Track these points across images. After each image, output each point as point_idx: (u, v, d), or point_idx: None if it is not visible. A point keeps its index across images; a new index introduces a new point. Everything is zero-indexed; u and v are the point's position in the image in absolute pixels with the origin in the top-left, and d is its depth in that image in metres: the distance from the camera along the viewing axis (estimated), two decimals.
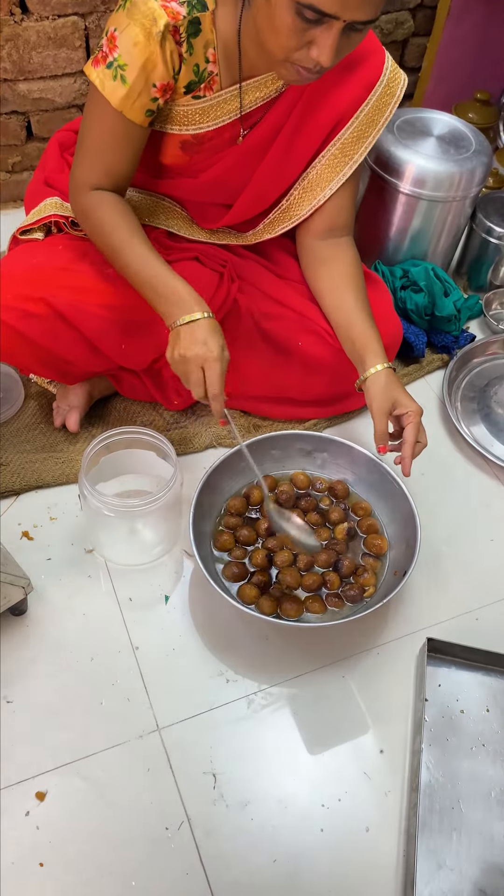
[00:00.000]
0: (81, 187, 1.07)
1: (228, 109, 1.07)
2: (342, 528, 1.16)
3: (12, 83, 1.60)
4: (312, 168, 1.17)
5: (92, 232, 1.08)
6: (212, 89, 1.04)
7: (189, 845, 0.92)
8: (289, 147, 1.12)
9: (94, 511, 1.06)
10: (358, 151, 1.16)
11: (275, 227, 1.24)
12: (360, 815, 0.96)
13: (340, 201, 1.20)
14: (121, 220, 1.06)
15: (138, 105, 1.00)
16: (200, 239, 1.26)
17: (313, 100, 1.09)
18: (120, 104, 1.00)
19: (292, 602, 1.08)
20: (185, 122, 1.07)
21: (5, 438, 1.29)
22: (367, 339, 1.14)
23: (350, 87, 1.10)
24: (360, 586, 1.10)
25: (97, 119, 1.03)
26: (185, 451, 1.30)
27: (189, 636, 1.09)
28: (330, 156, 1.15)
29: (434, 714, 1.04)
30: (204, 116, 1.06)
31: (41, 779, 0.95)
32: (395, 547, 1.15)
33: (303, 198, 1.20)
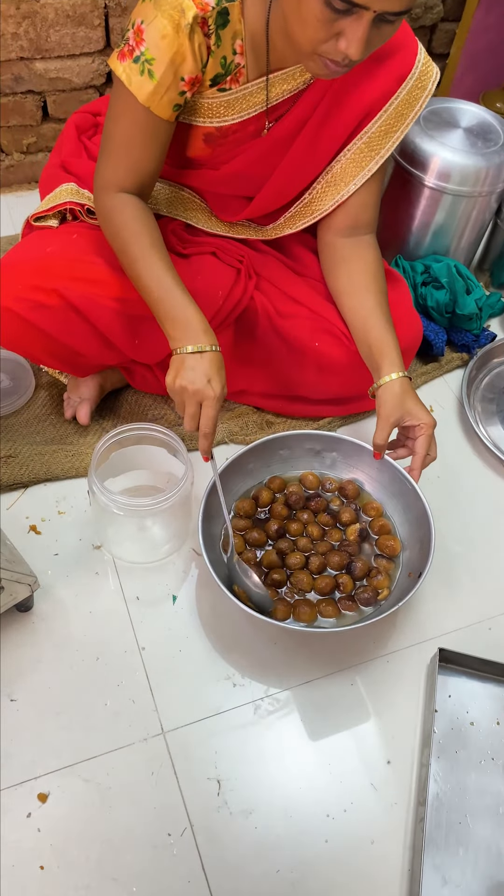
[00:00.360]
0: (106, 187, 1.04)
1: (254, 102, 1.03)
2: (354, 530, 1.14)
3: (29, 61, 1.56)
4: (337, 162, 1.13)
5: (110, 236, 1.05)
6: (238, 82, 1.01)
7: (191, 852, 0.91)
8: (314, 140, 1.09)
9: (102, 508, 1.05)
10: (385, 146, 1.12)
11: (295, 222, 1.21)
12: (366, 827, 0.94)
13: (365, 198, 1.16)
14: (140, 229, 1.02)
15: (166, 100, 0.96)
16: (219, 232, 1.22)
17: (341, 92, 1.05)
18: (147, 100, 0.96)
19: (306, 605, 1.06)
20: (210, 114, 1.03)
21: (14, 429, 1.27)
22: (384, 345, 1.11)
23: (380, 80, 1.06)
24: (373, 588, 1.08)
25: (123, 115, 0.99)
26: (196, 448, 1.28)
27: (196, 638, 1.08)
28: (356, 150, 1.11)
29: (443, 725, 1.02)
30: (229, 109, 1.03)
31: (43, 780, 0.94)
32: (409, 548, 1.13)
33: (326, 192, 1.16)
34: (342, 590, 1.08)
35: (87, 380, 1.27)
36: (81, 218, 1.17)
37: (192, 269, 1.15)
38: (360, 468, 1.21)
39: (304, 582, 1.07)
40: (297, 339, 1.21)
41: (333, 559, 1.10)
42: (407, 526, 1.15)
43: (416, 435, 1.07)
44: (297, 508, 1.16)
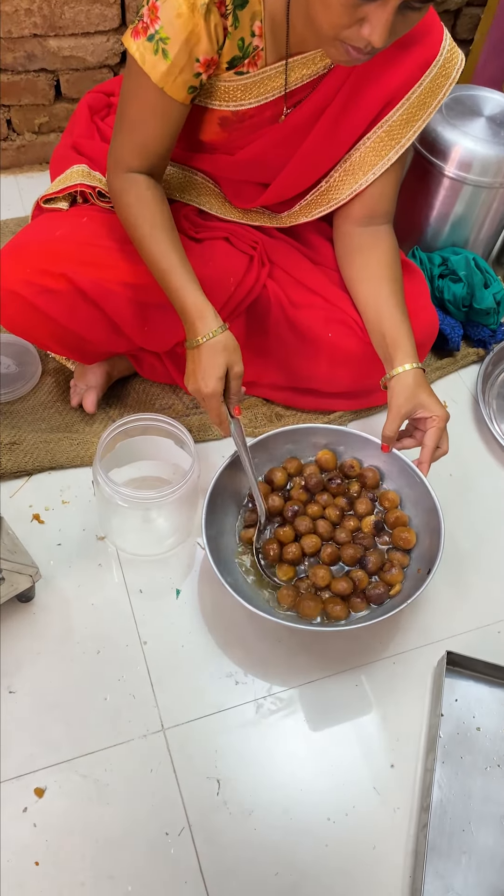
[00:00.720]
0: (117, 167, 1.02)
1: (272, 87, 1.00)
2: (369, 521, 1.11)
3: (42, 39, 1.53)
4: (356, 150, 1.10)
5: (120, 216, 1.04)
6: (256, 65, 0.97)
7: (189, 852, 0.89)
8: (333, 127, 1.05)
9: (107, 499, 1.03)
10: (406, 135, 1.08)
11: (311, 210, 1.18)
12: (368, 832, 0.92)
13: (383, 188, 1.12)
14: (148, 208, 1.00)
15: (180, 81, 0.93)
16: (233, 219, 1.19)
17: (362, 78, 1.01)
18: (161, 80, 0.93)
19: (311, 601, 1.03)
20: (226, 98, 1.00)
21: (19, 415, 1.25)
22: (398, 335, 1.08)
23: (403, 67, 1.02)
24: (385, 584, 1.05)
25: (135, 94, 0.96)
26: (204, 438, 1.26)
27: (199, 633, 1.06)
28: (376, 138, 1.08)
29: (449, 730, 1.00)
30: (246, 93, 0.99)
31: (41, 774, 0.93)
32: (418, 542, 1.10)
33: (343, 181, 1.13)
34: (357, 586, 1.06)
35: (95, 367, 1.24)
36: (92, 201, 1.14)
37: (203, 255, 1.12)
38: (368, 462, 1.18)
39: (321, 578, 1.04)
40: (310, 329, 1.19)
41: (347, 552, 1.07)
42: (416, 521, 1.12)
43: (428, 427, 1.04)
44: (317, 492, 1.13)
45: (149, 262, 1.01)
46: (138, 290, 1.07)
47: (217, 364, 0.97)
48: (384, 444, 1.08)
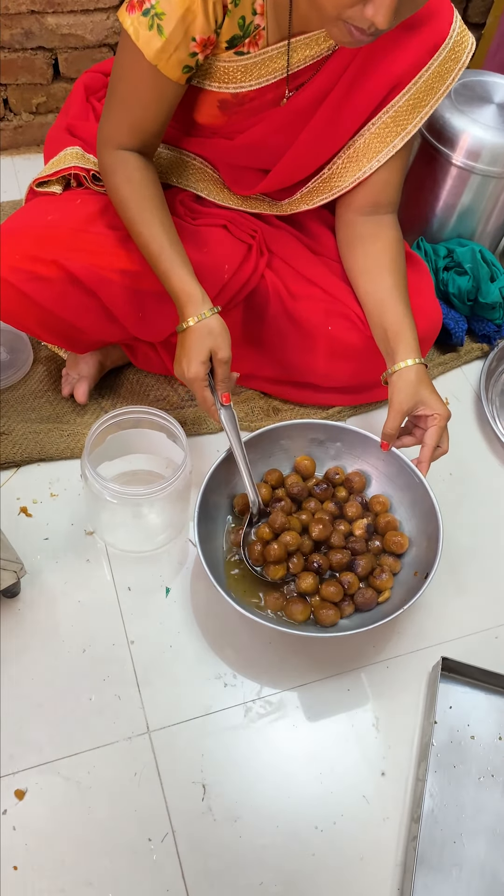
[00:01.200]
0: (107, 143, 0.99)
1: (274, 68, 0.96)
2: (361, 525, 1.08)
3: (40, 15, 1.48)
4: (360, 136, 1.06)
5: (110, 194, 1.01)
6: (257, 45, 0.93)
7: (172, 859, 0.87)
8: (337, 112, 1.01)
9: (95, 494, 1.00)
10: (412, 122, 1.04)
11: (312, 198, 1.14)
12: (356, 842, 0.90)
13: (388, 176, 1.08)
14: (135, 191, 0.98)
15: (175, 59, 0.90)
16: (231, 205, 1.15)
17: (368, 61, 0.97)
18: (155, 57, 0.89)
19: (299, 604, 1.00)
20: (226, 79, 0.96)
21: (9, 405, 1.22)
22: (400, 328, 1.04)
23: (410, 49, 0.98)
24: (373, 591, 1.03)
25: (128, 71, 0.93)
26: (199, 432, 1.23)
27: (188, 633, 1.03)
28: (381, 124, 1.04)
29: (442, 738, 0.97)
30: (246, 75, 0.95)
31: (22, 776, 0.90)
32: (416, 545, 1.07)
33: (346, 168, 1.09)
34: (347, 590, 1.03)
35: (87, 357, 1.21)
36: (86, 184, 1.10)
37: (198, 240, 1.08)
38: (366, 459, 1.15)
39: (308, 585, 1.01)
40: (309, 321, 1.15)
41: (335, 557, 1.04)
42: (414, 521, 1.10)
43: (429, 425, 1.01)
44: (303, 499, 1.10)
45: (139, 244, 0.99)
46: (133, 277, 1.04)
47: (201, 348, 0.96)
48: (384, 441, 1.04)
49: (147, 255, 0.99)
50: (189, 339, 0.96)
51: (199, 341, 0.96)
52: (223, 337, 0.96)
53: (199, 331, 0.96)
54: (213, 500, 1.05)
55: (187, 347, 0.96)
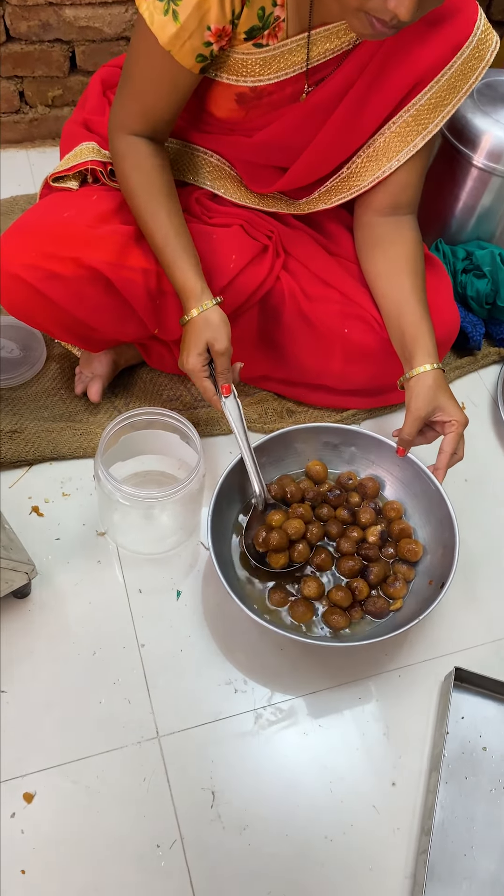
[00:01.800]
0: (118, 128, 0.99)
1: (293, 62, 0.94)
2: (375, 531, 1.06)
3: (58, 7, 1.46)
4: (380, 135, 1.04)
5: (120, 181, 1.01)
6: (276, 37, 0.91)
7: (180, 866, 0.86)
8: (357, 109, 1.00)
9: (107, 495, 0.99)
10: (433, 121, 1.02)
11: (331, 197, 1.12)
12: (365, 852, 0.89)
13: (407, 176, 1.07)
14: (144, 179, 0.98)
15: (188, 47, 0.88)
16: (248, 204, 1.14)
17: (390, 57, 0.95)
18: (169, 43, 0.88)
19: (302, 605, 0.99)
20: (244, 72, 0.94)
21: (22, 402, 1.21)
22: (418, 332, 1.03)
23: (433, 47, 0.96)
24: (385, 599, 1.02)
25: (143, 56, 0.92)
26: (212, 433, 1.22)
27: (199, 637, 1.02)
28: (402, 123, 1.02)
29: (454, 749, 0.96)
30: (265, 68, 0.94)
31: (30, 779, 0.90)
32: (430, 552, 1.06)
33: (366, 167, 1.07)
34: (356, 596, 1.02)
35: (101, 355, 1.20)
36: (103, 180, 1.09)
37: (209, 239, 1.07)
38: (380, 464, 1.13)
39: (312, 589, 1.01)
40: (325, 324, 1.14)
41: (346, 564, 1.03)
42: (429, 529, 1.08)
43: (446, 432, 1.00)
44: (317, 505, 1.09)
45: (146, 233, 0.99)
46: (155, 276, 1.03)
47: (198, 340, 0.96)
48: (400, 447, 1.03)
49: (153, 246, 0.99)
50: (188, 331, 0.97)
51: (196, 333, 0.96)
52: (221, 329, 0.96)
53: (198, 323, 0.96)
54: (226, 504, 1.04)
55: (186, 340, 0.98)
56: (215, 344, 0.96)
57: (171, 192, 0.99)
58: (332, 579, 1.04)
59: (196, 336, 0.97)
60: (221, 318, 0.97)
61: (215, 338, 0.96)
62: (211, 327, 0.96)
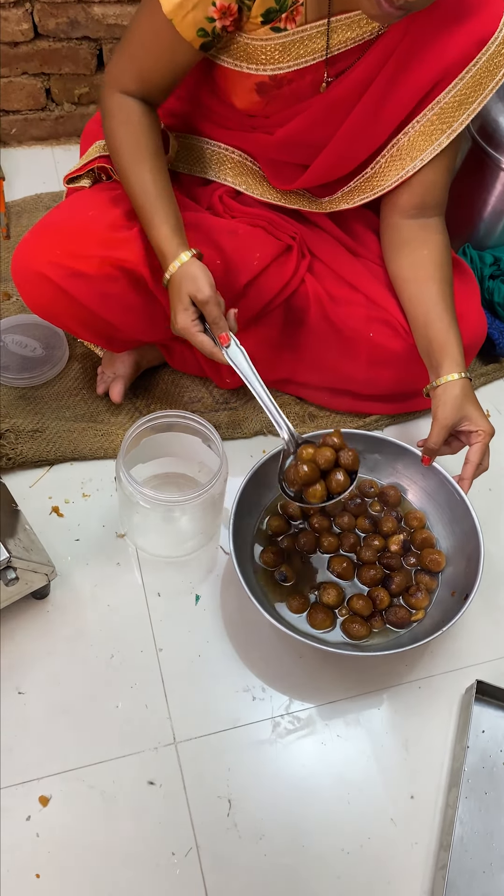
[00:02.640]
0: (111, 85, 0.97)
1: (313, 49, 0.93)
2: (397, 540, 1.05)
3: (86, 5, 1.46)
4: (404, 133, 1.02)
5: (107, 136, 0.99)
6: (294, 21, 0.90)
7: (195, 875, 0.86)
8: (379, 104, 0.98)
9: (128, 497, 0.98)
10: (458, 119, 1.00)
11: (353, 197, 1.11)
12: (383, 866, 0.88)
13: (434, 176, 1.05)
14: (130, 137, 0.96)
15: (190, 19, 0.88)
16: (270, 200, 1.13)
17: (413, 50, 0.94)
18: (172, 11, 0.88)
19: (321, 612, 0.98)
20: (263, 59, 0.93)
21: (44, 402, 1.21)
22: (446, 341, 1.01)
23: (458, 41, 0.94)
24: (406, 609, 1.00)
25: (146, 19, 0.92)
26: (233, 436, 1.21)
27: (217, 642, 1.01)
28: (426, 120, 1.00)
29: (474, 763, 0.95)
30: (284, 54, 0.92)
31: (46, 782, 0.89)
32: (453, 563, 1.05)
33: (389, 166, 1.05)
34: (377, 605, 1.01)
35: (123, 355, 1.19)
36: (115, 177, 1.08)
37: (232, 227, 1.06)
38: (405, 472, 1.12)
39: (332, 597, 1.00)
40: (351, 328, 1.12)
41: (368, 574, 1.02)
42: (452, 539, 1.07)
43: (472, 442, 0.99)
44: (336, 514, 1.08)
45: (128, 191, 0.97)
46: None
47: (181, 295, 0.92)
48: (426, 456, 1.02)
49: (134, 205, 0.96)
50: (170, 291, 0.93)
51: (177, 289, 0.92)
52: (201, 278, 0.91)
53: (177, 278, 0.92)
54: (247, 508, 1.03)
55: (171, 300, 0.94)
56: (197, 294, 0.91)
57: (157, 152, 0.97)
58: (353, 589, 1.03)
59: (177, 292, 0.92)
60: (200, 268, 0.92)
61: (196, 288, 0.90)
62: (189, 278, 0.91)
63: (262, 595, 1.00)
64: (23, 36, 1.47)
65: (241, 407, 1.24)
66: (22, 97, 1.58)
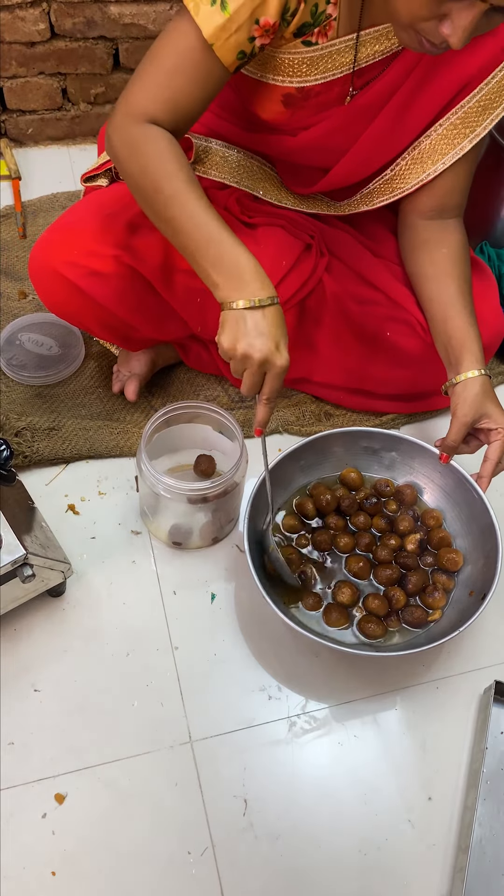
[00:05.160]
0: (135, 113, 0.86)
1: (341, 62, 0.92)
2: (414, 539, 1.04)
3: (103, 4, 1.46)
4: (426, 138, 1.01)
5: (135, 171, 0.87)
6: (326, 36, 0.89)
7: (211, 874, 0.85)
8: (402, 112, 0.97)
9: (148, 488, 0.98)
10: (482, 124, 0.99)
11: (373, 199, 1.10)
12: (400, 868, 0.87)
13: (454, 181, 1.04)
14: (177, 165, 0.85)
15: (233, 41, 0.83)
16: (288, 205, 1.12)
17: (438, 60, 0.93)
18: (213, 36, 0.81)
19: (336, 612, 0.98)
20: (290, 72, 0.92)
21: (60, 400, 1.21)
22: (465, 338, 1.00)
23: (483, 48, 0.93)
24: (423, 609, 0.99)
25: (178, 43, 0.84)
26: (248, 435, 1.20)
27: (233, 641, 1.01)
28: (449, 125, 1.00)
29: (493, 765, 0.94)
30: (312, 68, 0.92)
31: (62, 780, 0.89)
32: (471, 562, 1.04)
33: (410, 170, 1.05)
34: (393, 605, 1.00)
35: (139, 354, 1.19)
36: None
37: (255, 236, 1.06)
38: (422, 471, 1.11)
39: (346, 596, 0.99)
40: (369, 327, 1.12)
41: (384, 573, 1.01)
42: (470, 538, 1.06)
43: (491, 440, 0.98)
44: (352, 514, 1.07)
45: (177, 225, 0.86)
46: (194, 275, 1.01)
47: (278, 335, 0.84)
48: (444, 453, 1.01)
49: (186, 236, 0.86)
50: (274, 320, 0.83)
51: (276, 328, 0.83)
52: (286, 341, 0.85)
53: (275, 317, 0.84)
54: (263, 506, 1.02)
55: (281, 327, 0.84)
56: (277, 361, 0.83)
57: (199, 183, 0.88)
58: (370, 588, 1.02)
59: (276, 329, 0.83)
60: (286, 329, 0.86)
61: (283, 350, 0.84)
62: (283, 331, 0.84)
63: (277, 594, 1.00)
64: (39, 36, 1.47)
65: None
66: (38, 97, 1.58)
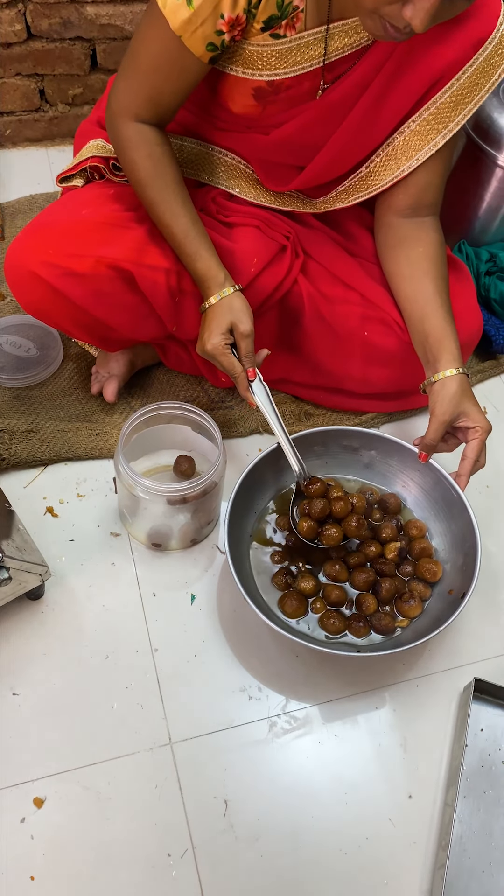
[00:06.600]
0: (122, 113, 0.96)
1: (310, 56, 0.92)
2: (393, 547, 1.04)
3: (79, 5, 1.46)
4: (400, 134, 1.02)
5: (126, 169, 0.99)
6: (294, 28, 0.89)
7: (191, 876, 0.85)
8: (375, 106, 0.98)
9: (127, 490, 0.98)
10: (455, 119, 1.00)
11: (348, 196, 1.10)
12: (381, 867, 0.87)
13: (429, 177, 1.05)
14: (157, 170, 0.96)
15: (199, 34, 0.87)
16: (263, 203, 1.12)
17: (409, 55, 0.93)
18: (180, 28, 0.86)
19: (335, 618, 0.98)
20: (259, 65, 0.92)
21: (38, 402, 1.20)
22: (442, 336, 1.01)
23: (454, 43, 0.94)
24: (390, 617, 0.99)
25: (152, 39, 0.90)
26: (228, 435, 1.20)
27: (213, 642, 1.01)
28: (422, 121, 1.00)
29: (472, 762, 0.94)
30: (281, 61, 0.92)
31: (41, 783, 0.89)
32: (450, 560, 1.04)
33: (385, 166, 1.05)
34: (364, 611, 1.00)
35: (118, 355, 1.19)
36: (108, 176, 1.07)
37: (230, 237, 1.06)
38: (401, 469, 1.11)
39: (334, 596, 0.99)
40: (346, 326, 1.12)
41: (359, 577, 1.01)
42: (449, 537, 1.06)
43: (469, 438, 0.98)
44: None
45: (160, 224, 0.98)
46: (172, 274, 1.01)
47: (221, 322, 0.96)
48: (423, 452, 1.01)
49: (169, 237, 0.98)
50: (210, 315, 0.97)
51: (219, 316, 0.96)
52: (245, 312, 0.96)
53: (221, 307, 0.96)
54: (242, 507, 1.02)
55: (208, 323, 0.97)
56: (240, 326, 0.96)
57: (182, 181, 0.99)
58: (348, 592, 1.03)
59: (219, 318, 0.96)
60: (244, 302, 0.97)
61: (240, 319, 0.96)
62: (234, 310, 0.96)
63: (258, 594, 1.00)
64: (16, 37, 1.47)
65: (237, 406, 1.23)
66: (16, 98, 1.57)
